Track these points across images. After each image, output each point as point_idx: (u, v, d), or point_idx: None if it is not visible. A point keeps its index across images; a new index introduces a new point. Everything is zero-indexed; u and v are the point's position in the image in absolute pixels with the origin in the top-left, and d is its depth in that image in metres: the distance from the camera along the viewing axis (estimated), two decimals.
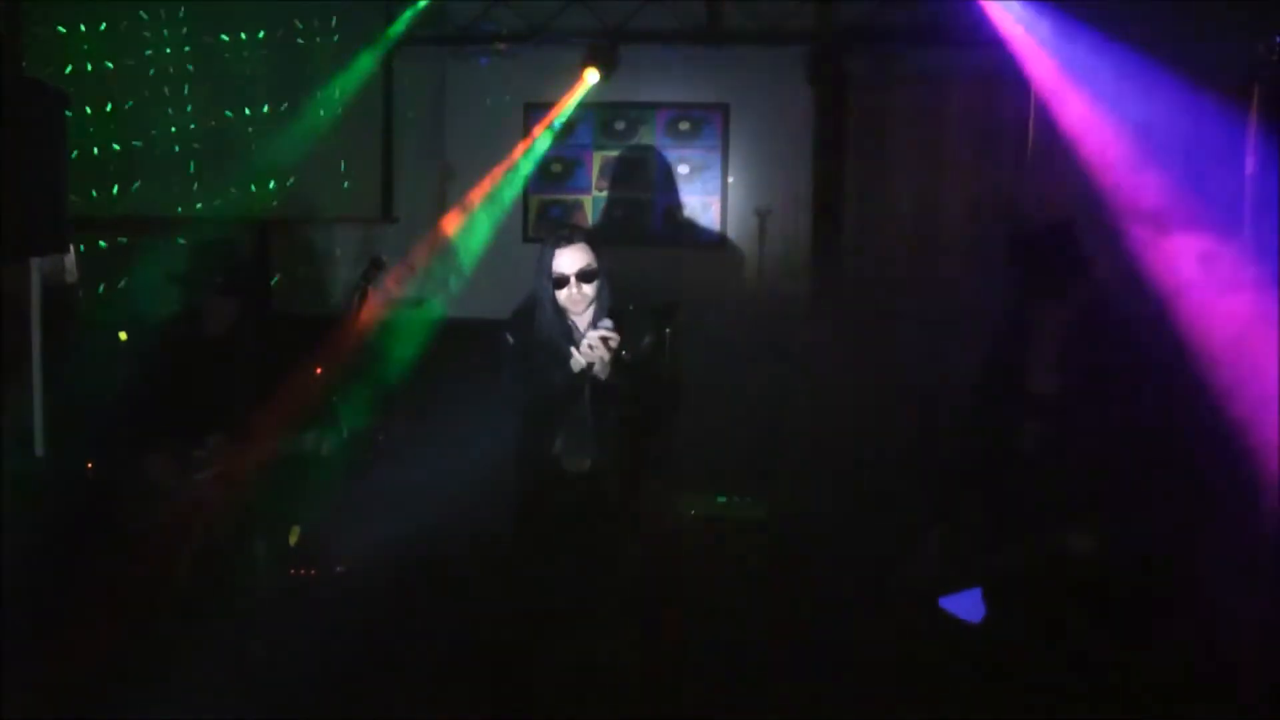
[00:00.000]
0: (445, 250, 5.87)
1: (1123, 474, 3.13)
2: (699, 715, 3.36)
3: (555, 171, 6.06)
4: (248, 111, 4.99)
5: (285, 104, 5.18)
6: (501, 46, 5.94)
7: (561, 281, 3.27)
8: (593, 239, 3.35)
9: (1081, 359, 3.26)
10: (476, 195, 5.91)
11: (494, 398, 3.42)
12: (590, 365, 3.21)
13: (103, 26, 4.19)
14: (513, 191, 5.99)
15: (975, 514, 3.39)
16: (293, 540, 3.84)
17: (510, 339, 3.37)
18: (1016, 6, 4.76)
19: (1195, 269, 3.66)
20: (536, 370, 3.29)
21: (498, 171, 5.91)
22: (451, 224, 5.88)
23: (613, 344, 3.19)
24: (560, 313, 3.34)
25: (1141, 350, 3.27)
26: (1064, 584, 3.11)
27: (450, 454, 4.20)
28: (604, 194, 6.06)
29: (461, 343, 4.63)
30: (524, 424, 3.41)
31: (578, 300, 3.30)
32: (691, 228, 6.00)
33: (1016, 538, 3.21)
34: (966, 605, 3.25)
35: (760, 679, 3.49)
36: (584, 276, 3.27)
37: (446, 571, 3.94)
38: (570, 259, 3.27)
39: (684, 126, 5.99)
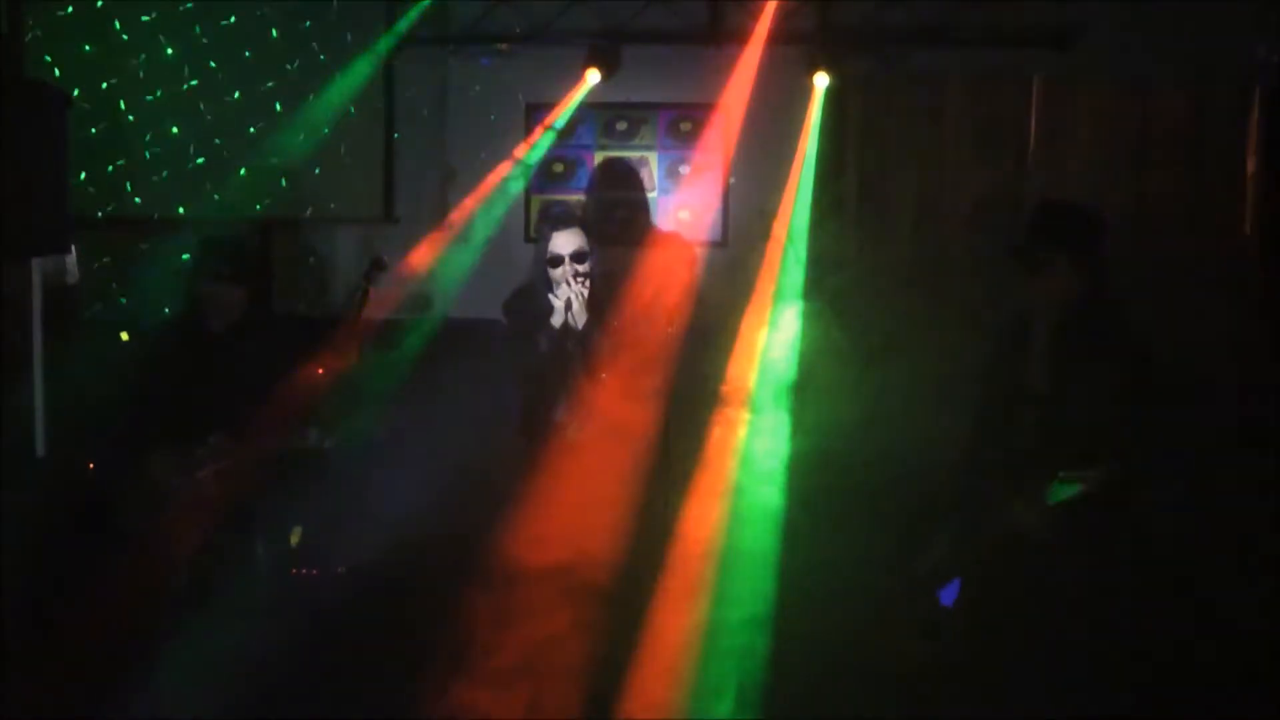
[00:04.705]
0: (446, 252, 5.86)
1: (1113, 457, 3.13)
2: (698, 713, 3.36)
3: (557, 172, 6.06)
4: (250, 111, 4.99)
5: (287, 104, 5.19)
6: (503, 47, 5.93)
7: (557, 261, 3.53)
8: (586, 225, 3.64)
9: (1075, 348, 3.26)
10: (478, 195, 5.91)
11: (497, 369, 3.63)
12: (569, 309, 3.46)
13: (103, 23, 4.20)
14: (514, 192, 5.98)
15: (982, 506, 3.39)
16: (293, 540, 3.84)
17: (504, 318, 3.61)
18: None
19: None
20: (524, 338, 3.53)
21: (499, 171, 5.91)
22: (454, 225, 5.88)
23: (584, 275, 3.47)
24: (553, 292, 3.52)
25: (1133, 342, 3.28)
26: (1016, 561, 3.13)
27: (451, 453, 4.20)
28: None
29: (462, 342, 4.64)
30: (524, 393, 3.57)
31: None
32: (693, 228, 5.99)
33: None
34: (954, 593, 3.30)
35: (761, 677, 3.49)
36: (578, 257, 3.53)
37: (447, 570, 3.94)
38: (567, 240, 3.54)
39: (685, 127, 5.98)
